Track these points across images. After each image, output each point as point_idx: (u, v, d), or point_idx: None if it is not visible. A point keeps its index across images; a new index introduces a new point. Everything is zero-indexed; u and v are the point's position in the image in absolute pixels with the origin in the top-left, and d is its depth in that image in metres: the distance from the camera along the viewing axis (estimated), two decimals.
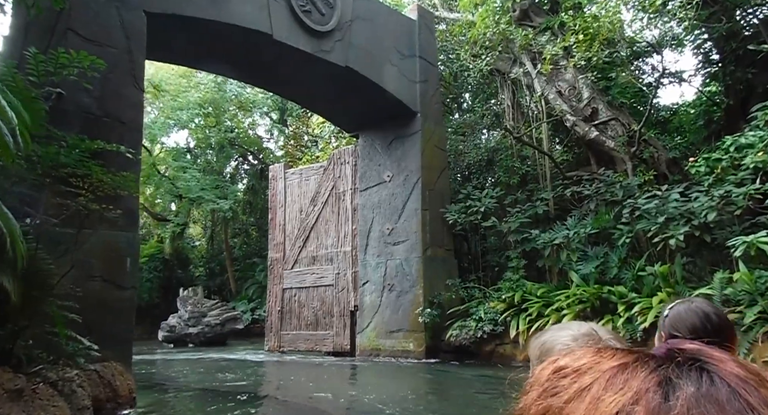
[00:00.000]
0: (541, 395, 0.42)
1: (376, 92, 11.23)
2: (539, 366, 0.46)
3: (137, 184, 6.41)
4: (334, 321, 12.60)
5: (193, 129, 23.33)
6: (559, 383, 0.41)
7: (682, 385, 0.37)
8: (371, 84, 10.96)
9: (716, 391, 0.36)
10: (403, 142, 12.04)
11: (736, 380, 0.37)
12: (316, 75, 10.43)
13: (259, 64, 9.64)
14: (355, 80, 10.77)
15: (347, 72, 10.48)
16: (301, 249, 13.48)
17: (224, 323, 18.12)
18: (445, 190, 12.22)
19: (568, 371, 0.42)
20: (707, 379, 0.37)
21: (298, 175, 13.98)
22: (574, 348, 0.46)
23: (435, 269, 11.26)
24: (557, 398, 0.40)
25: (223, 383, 8.64)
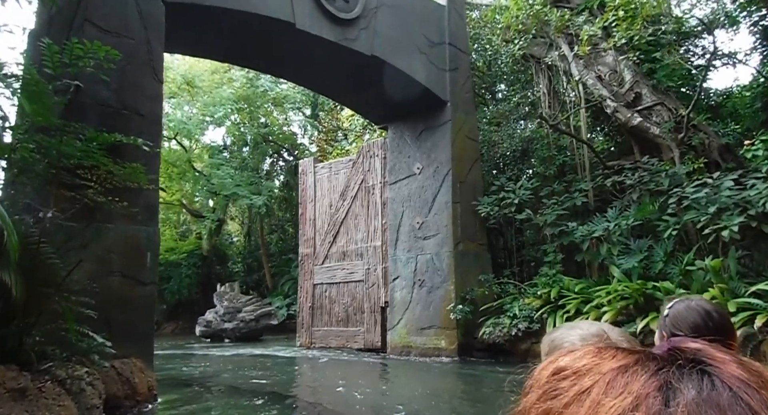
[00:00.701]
0: (540, 397, 0.40)
1: (403, 81, 10.87)
2: (540, 367, 0.44)
3: (152, 176, 6.26)
4: (364, 317, 12.36)
5: (229, 126, 23.59)
6: (559, 385, 0.40)
7: (683, 389, 0.36)
8: (398, 73, 10.61)
9: (717, 395, 0.35)
10: (432, 133, 11.65)
11: (737, 384, 0.36)
12: (341, 65, 10.16)
13: (281, 54, 9.44)
14: (381, 69, 10.44)
15: (373, 61, 10.17)
16: (331, 244, 13.29)
17: (258, 318, 18.21)
18: (478, 183, 11.76)
19: (568, 373, 0.40)
20: (708, 383, 0.36)
21: (327, 170, 13.79)
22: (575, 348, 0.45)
23: (467, 264, 10.83)
24: (557, 401, 0.39)
25: (249, 381, 8.52)
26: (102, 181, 5.19)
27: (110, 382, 5.42)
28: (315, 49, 9.49)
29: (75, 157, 4.99)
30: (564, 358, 0.43)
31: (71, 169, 5.07)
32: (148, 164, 6.58)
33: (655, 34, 10.96)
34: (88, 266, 5.91)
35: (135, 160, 6.36)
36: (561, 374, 0.41)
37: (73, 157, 5.02)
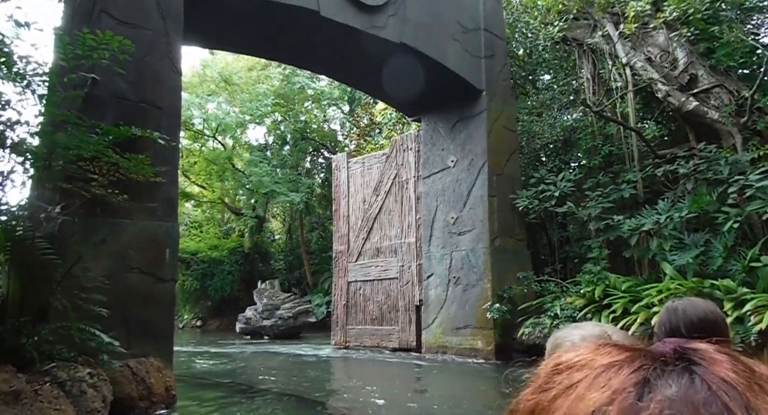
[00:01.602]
0: (534, 390, 0.41)
1: (435, 70, 10.40)
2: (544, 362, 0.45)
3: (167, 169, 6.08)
4: (399, 316, 11.99)
5: (269, 125, 23.75)
6: (553, 379, 0.40)
7: (660, 386, 0.36)
8: (430, 61, 10.15)
9: (694, 393, 0.35)
10: (467, 124, 11.12)
11: (718, 383, 0.35)
12: (369, 54, 9.80)
13: (306, 44, 9.17)
14: (411, 58, 10.01)
15: (403, 49, 9.75)
16: (365, 241, 12.98)
17: (297, 316, 18.17)
18: (515, 175, 11.14)
19: (563, 368, 0.41)
20: (688, 380, 0.36)
21: (360, 165, 13.48)
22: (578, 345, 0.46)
23: (504, 261, 10.26)
24: (547, 394, 0.39)
25: (277, 382, 8.31)
26: (105, 174, 5.04)
27: (124, 382, 5.27)
28: (341, 38, 9.17)
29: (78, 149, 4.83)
30: (565, 354, 0.43)
31: (73, 161, 4.92)
32: (166, 158, 6.44)
33: (713, 8, 10.00)
34: (105, 262, 5.82)
35: (153, 154, 6.23)
36: (557, 369, 0.41)
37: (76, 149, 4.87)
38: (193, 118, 19.57)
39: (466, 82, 10.76)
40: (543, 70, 14.71)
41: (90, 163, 4.98)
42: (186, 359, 11.29)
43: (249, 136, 25.45)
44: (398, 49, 9.73)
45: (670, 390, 0.35)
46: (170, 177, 6.53)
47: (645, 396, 0.35)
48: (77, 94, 5.89)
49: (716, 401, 0.34)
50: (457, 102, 11.19)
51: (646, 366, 0.38)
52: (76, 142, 5.22)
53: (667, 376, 0.36)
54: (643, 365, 0.38)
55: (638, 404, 0.35)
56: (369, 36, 9.26)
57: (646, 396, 0.35)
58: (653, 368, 0.37)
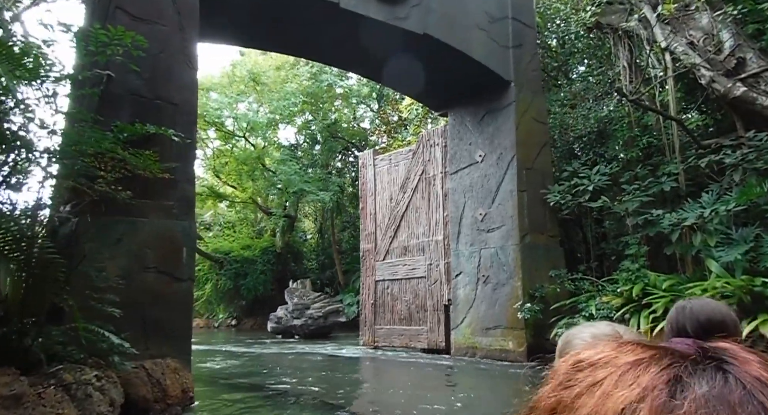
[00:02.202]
0: (555, 387, 0.40)
1: (461, 61, 10.05)
2: (562, 359, 0.44)
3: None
4: (427, 316, 11.69)
5: (300, 125, 23.81)
6: (575, 376, 0.40)
7: (693, 384, 0.35)
8: (455, 52, 9.80)
9: (729, 392, 0.34)
10: (495, 117, 10.71)
11: (753, 382, 0.35)
12: (391, 47, 9.54)
13: (325, 38, 8.98)
14: (436, 49, 9.69)
15: (426, 40, 9.44)
16: (392, 239, 12.74)
17: (327, 315, 18.09)
18: (546, 169, 10.66)
19: (585, 365, 0.40)
20: (722, 379, 0.35)
21: (387, 162, 13.24)
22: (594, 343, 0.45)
23: (535, 259, 9.82)
24: (569, 391, 0.39)
25: (302, 382, 8.15)
26: (110, 171, 4.95)
27: (139, 384, 5.19)
28: (362, 31, 8.94)
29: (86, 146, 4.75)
30: (586, 351, 0.41)
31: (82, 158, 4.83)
32: (181, 156, 6.36)
33: None
34: (121, 262, 5.77)
35: (168, 151, 6.15)
36: (578, 366, 0.40)
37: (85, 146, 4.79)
38: (224, 119, 19.75)
39: (494, 73, 10.36)
40: (576, 60, 14.12)
41: (96, 160, 4.90)
42: (211, 358, 11.32)
43: (280, 136, 25.62)
44: (422, 40, 9.43)
45: (704, 389, 0.34)
46: (186, 175, 6.44)
47: (678, 394, 0.34)
48: (94, 92, 5.86)
49: (753, 401, 0.33)
50: (484, 94, 10.81)
51: (676, 364, 0.37)
52: (92, 140, 5.17)
53: (699, 374, 0.36)
54: (673, 363, 0.37)
55: (672, 402, 0.34)
56: (391, 28, 9.00)
57: (680, 394, 0.34)
58: (684, 366, 0.37)
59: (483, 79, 10.50)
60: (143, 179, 5.90)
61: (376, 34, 9.12)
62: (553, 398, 0.40)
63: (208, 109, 18.76)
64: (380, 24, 8.84)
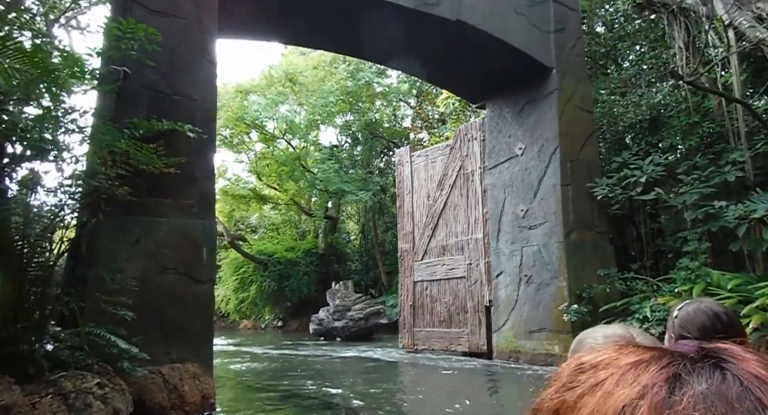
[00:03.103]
0: (558, 389, 0.41)
1: (497, 49, 9.49)
2: (565, 362, 0.45)
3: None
4: (468, 318, 11.15)
5: (341, 126, 23.72)
6: (577, 377, 0.40)
7: (691, 381, 0.36)
8: (491, 39, 9.25)
9: (727, 388, 0.35)
10: (536, 107, 10.07)
11: (750, 379, 0.35)
12: (423, 36, 9.10)
13: (352, 28, 8.63)
14: (470, 37, 9.18)
15: (460, 27, 8.95)
16: (430, 238, 12.27)
17: (368, 317, 17.79)
18: (593, 161, 9.92)
19: (587, 367, 0.41)
20: (719, 376, 0.36)
21: (424, 158, 12.79)
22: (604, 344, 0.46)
23: (582, 257, 9.12)
24: (572, 392, 0.39)
25: (333, 388, 7.80)
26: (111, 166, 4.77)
27: (154, 390, 5.00)
28: (390, 20, 8.56)
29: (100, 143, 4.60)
30: (588, 354, 0.42)
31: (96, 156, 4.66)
32: (200, 152, 6.18)
33: None
34: (139, 263, 5.63)
35: (187, 148, 5.98)
36: (581, 368, 0.41)
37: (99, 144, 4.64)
38: (262, 120, 19.85)
39: (534, 60, 9.74)
40: (626, 45, 13.19)
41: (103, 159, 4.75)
42: (247, 360, 11.21)
43: (321, 137, 25.63)
44: (455, 27, 8.95)
45: (703, 386, 0.35)
46: (206, 172, 6.26)
47: (677, 391, 0.35)
48: (112, 89, 5.76)
49: (750, 396, 0.34)
50: (524, 83, 10.19)
51: (675, 363, 0.37)
52: (106, 140, 5.05)
53: (698, 372, 0.36)
54: (672, 362, 0.38)
55: (671, 398, 0.34)
56: (421, 15, 8.56)
57: (679, 391, 0.35)
58: (683, 364, 0.37)
59: (522, 67, 9.90)
60: (160, 177, 5.75)
61: (406, 23, 8.71)
62: (556, 400, 0.40)
63: (248, 111, 18.89)
64: (410, 12, 8.43)
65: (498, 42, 9.35)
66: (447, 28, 8.96)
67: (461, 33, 9.09)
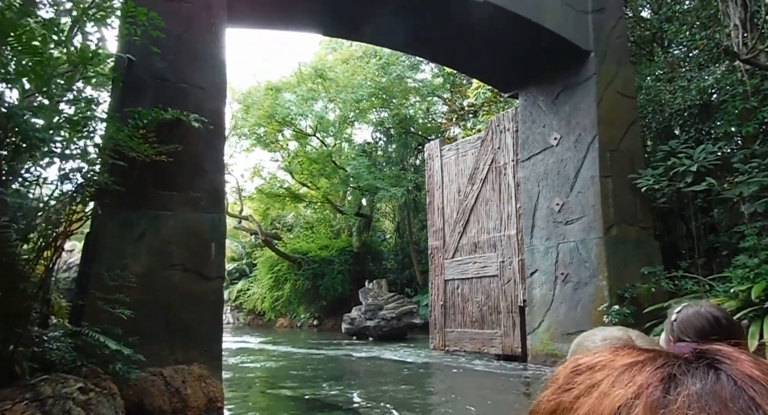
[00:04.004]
0: (555, 391, 0.41)
1: (530, 32, 8.87)
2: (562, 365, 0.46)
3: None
4: (501, 318, 10.56)
5: (373, 122, 23.41)
6: (574, 379, 0.41)
7: (686, 381, 0.36)
8: (521, 21, 8.65)
9: (721, 388, 0.35)
10: (572, 94, 9.39)
11: (744, 379, 0.36)
12: (447, 20, 8.60)
13: (372, 14, 8.21)
14: (499, 19, 8.60)
15: (488, 9, 8.38)
16: (461, 235, 11.73)
17: (400, 316, 17.37)
18: (636, 150, 9.16)
19: (583, 369, 0.41)
20: (714, 376, 0.36)
21: (454, 152, 12.26)
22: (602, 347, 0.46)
23: (624, 254, 8.41)
24: (568, 394, 0.40)
25: (354, 392, 7.41)
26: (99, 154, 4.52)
27: (155, 393, 4.75)
28: (413, 4, 8.10)
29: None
30: (584, 357, 0.43)
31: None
32: (209, 143, 5.92)
33: None
34: (145, 260, 5.41)
35: (195, 139, 5.72)
36: (577, 370, 0.41)
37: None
38: (293, 117, 19.73)
39: (569, 44, 9.07)
40: (673, 26, 12.25)
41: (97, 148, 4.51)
42: (267, 360, 10.99)
43: (356, 135, 25.40)
44: (483, 9, 8.39)
45: (697, 386, 0.35)
46: (215, 164, 5.99)
47: (672, 391, 0.35)
48: (117, 77, 5.56)
49: (743, 396, 0.34)
50: (559, 69, 9.52)
51: (670, 364, 0.38)
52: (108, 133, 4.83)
53: (692, 372, 0.36)
54: (667, 363, 0.38)
55: (666, 398, 0.35)
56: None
57: (673, 391, 0.35)
58: (677, 365, 0.37)
59: (557, 51, 9.24)
60: (167, 169, 5.51)
61: (431, 7, 8.24)
62: (553, 402, 0.40)
63: (278, 109, 18.79)
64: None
65: (529, 24, 8.74)
66: (473, 11, 8.42)
67: (490, 16, 8.53)
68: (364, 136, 31.23)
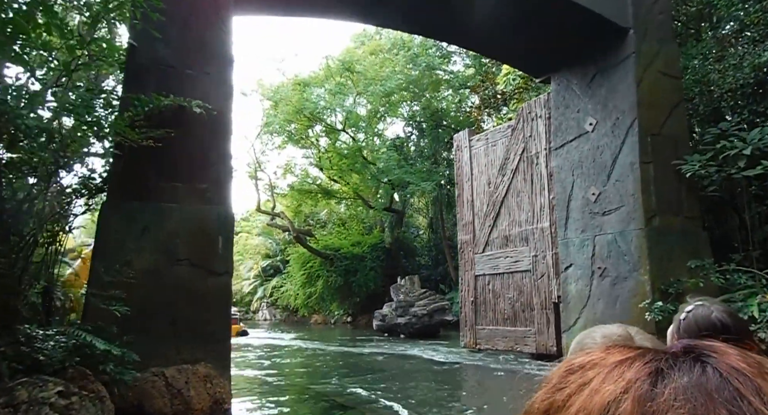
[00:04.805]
0: (548, 391, 0.42)
1: (562, 10, 8.26)
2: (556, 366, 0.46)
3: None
4: (534, 315, 10.01)
5: (405, 116, 23.02)
6: (566, 379, 0.41)
7: (673, 375, 0.37)
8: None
9: (706, 380, 0.36)
10: (609, 76, 8.73)
11: (729, 371, 0.37)
12: (475, 1, 8.09)
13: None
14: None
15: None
16: (491, 228, 11.21)
17: (432, 313, 16.93)
18: (680, 135, 8.43)
19: (576, 368, 0.42)
20: (700, 369, 0.37)
21: (483, 142, 11.72)
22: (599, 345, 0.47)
23: (668, 246, 7.74)
24: (561, 393, 0.40)
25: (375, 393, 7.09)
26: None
27: (155, 395, 4.52)
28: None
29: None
30: (577, 357, 0.43)
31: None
32: (214, 132, 5.67)
33: None
34: (148, 254, 5.20)
35: (200, 128, 5.48)
36: (570, 369, 0.42)
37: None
38: (320, 112, 19.53)
39: (606, 21, 8.41)
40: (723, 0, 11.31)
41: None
42: (303, 360, 10.78)
43: (386, 130, 25.06)
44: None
45: (684, 379, 0.36)
46: (222, 154, 5.74)
47: (659, 384, 0.36)
48: (120, 63, 5.37)
49: (728, 387, 0.35)
50: (594, 49, 8.87)
51: (658, 359, 0.39)
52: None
53: (679, 366, 0.37)
54: (655, 359, 0.39)
55: (653, 391, 0.36)
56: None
57: (660, 384, 0.36)
58: (665, 359, 0.38)
59: (592, 30, 8.59)
60: (171, 159, 5.30)
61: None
62: (547, 401, 0.41)
63: (306, 104, 18.62)
64: None
65: (561, 1, 8.14)
66: None
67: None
68: (395, 131, 30.88)
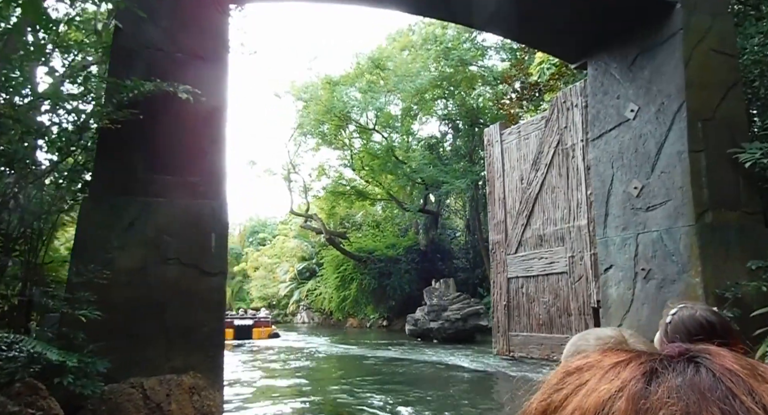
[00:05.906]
0: (546, 392, 0.43)
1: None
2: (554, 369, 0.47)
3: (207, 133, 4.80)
4: (572, 321, 9.21)
5: (439, 115, 22.43)
6: (564, 380, 0.42)
7: (667, 375, 0.38)
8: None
9: (700, 380, 0.37)
10: (652, 56, 7.87)
11: (722, 371, 0.37)
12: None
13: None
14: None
15: None
16: (524, 227, 10.45)
17: (466, 318, 16.19)
18: (737, 119, 7.47)
19: (573, 370, 0.43)
20: (693, 370, 0.38)
21: (515, 135, 10.97)
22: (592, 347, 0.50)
23: (723, 244, 6.83)
24: (558, 394, 0.41)
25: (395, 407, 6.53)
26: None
27: (130, 410, 4.12)
28: None
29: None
30: (575, 360, 0.44)
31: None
32: (209, 121, 5.27)
33: None
34: (135, 252, 4.84)
35: (192, 115, 5.10)
36: (568, 371, 0.43)
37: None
38: (349, 111, 19.17)
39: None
40: None
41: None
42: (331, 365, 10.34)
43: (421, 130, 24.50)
44: None
45: (678, 379, 0.37)
46: (215, 144, 5.33)
47: (653, 383, 0.37)
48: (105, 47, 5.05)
49: (721, 386, 0.36)
50: (635, 28, 8.03)
51: (653, 360, 0.40)
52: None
53: (673, 367, 0.38)
54: (650, 360, 0.40)
55: (647, 390, 0.37)
56: None
57: (654, 383, 0.37)
58: (659, 360, 0.40)
59: (632, 6, 7.77)
60: (160, 149, 4.94)
61: None
62: (544, 402, 0.41)
63: (336, 103, 18.29)
64: None
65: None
66: None
67: None
68: (430, 131, 30.24)
